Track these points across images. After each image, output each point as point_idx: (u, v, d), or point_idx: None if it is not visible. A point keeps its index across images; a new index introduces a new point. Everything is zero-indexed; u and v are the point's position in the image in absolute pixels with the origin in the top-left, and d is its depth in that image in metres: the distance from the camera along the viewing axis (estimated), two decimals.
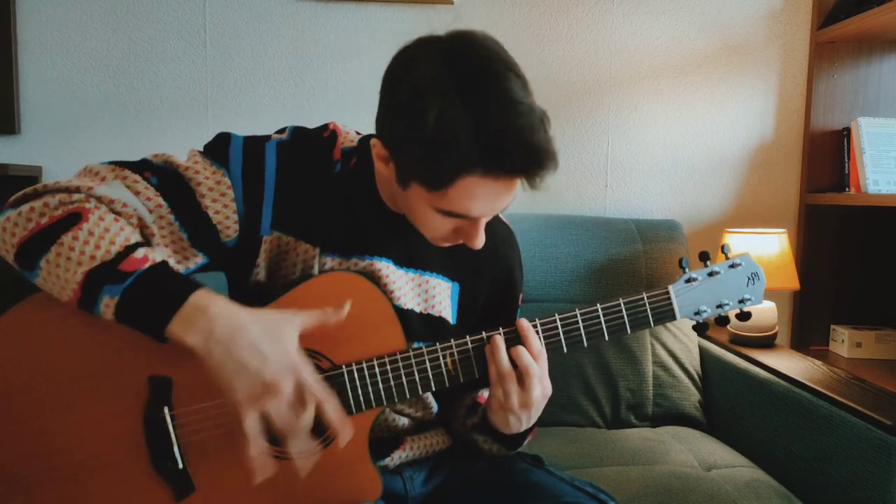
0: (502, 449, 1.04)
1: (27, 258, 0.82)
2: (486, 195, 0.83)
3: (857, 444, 1.24)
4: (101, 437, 0.87)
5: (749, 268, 1.03)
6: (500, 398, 0.93)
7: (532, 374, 0.91)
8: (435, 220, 0.88)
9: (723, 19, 2.00)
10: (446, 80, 0.79)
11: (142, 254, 0.82)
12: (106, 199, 0.85)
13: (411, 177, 0.85)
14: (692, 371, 1.73)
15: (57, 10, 1.85)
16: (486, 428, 1.02)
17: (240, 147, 0.94)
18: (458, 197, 0.83)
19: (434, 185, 0.83)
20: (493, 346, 0.93)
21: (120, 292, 0.80)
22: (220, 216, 0.92)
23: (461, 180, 0.81)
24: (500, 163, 0.80)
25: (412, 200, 0.88)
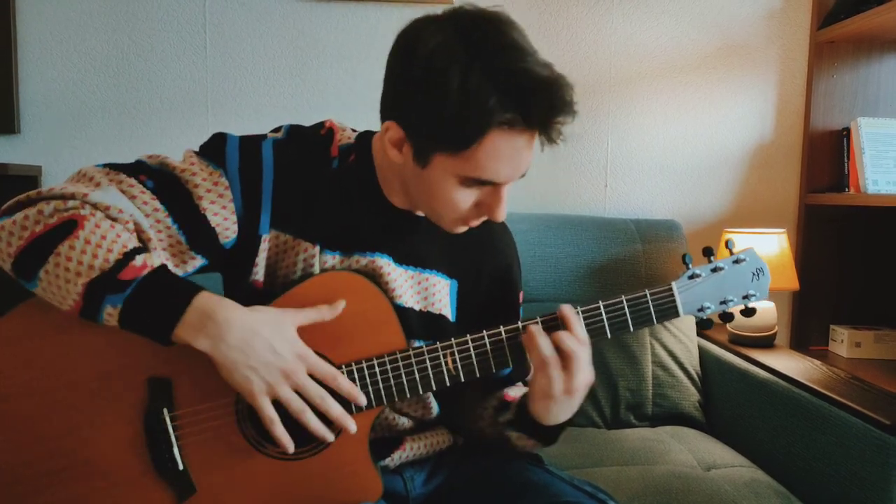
0: (537, 444, 1.03)
1: (25, 268, 0.82)
2: (511, 153, 0.84)
3: (856, 443, 1.24)
4: (102, 440, 0.87)
5: (753, 263, 1.00)
6: (543, 386, 0.91)
7: (577, 356, 0.90)
8: (458, 194, 0.88)
9: (722, 19, 2.00)
10: (459, 45, 0.81)
11: (140, 261, 0.82)
12: (101, 206, 0.84)
13: (435, 148, 0.85)
14: (692, 371, 1.73)
15: (57, 10, 1.85)
16: (521, 423, 1.01)
17: (236, 146, 0.94)
18: (484, 157, 0.84)
19: (462, 145, 0.83)
20: (531, 333, 0.92)
21: (122, 301, 0.80)
22: (219, 217, 0.92)
23: (488, 136, 0.82)
24: (524, 108, 0.81)
25: (434, 177, 0.88)
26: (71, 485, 0.87)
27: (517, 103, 0.81)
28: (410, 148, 0.88)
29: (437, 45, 0.82)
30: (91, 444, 0.87)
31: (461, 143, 0.83)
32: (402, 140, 0.88)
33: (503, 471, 1.05)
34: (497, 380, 1.10)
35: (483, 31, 0.82)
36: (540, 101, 0.81)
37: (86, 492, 0.87)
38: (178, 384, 0.88)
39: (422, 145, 0.87)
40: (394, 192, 0.98)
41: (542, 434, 1.01)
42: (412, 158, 0.88)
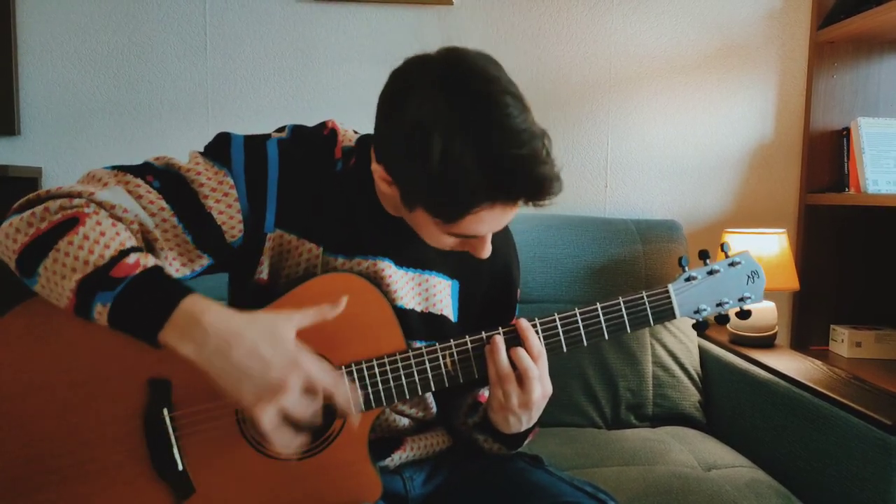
0: (503, 448, 1.04)
1: (27, 264, 0.82)
2: (495, 219, 0.86)
3: (857, 443, 1.24)
4: (102, 440, 0.87)
5: (749, 266, 1.02)
6: (500, 399, 0.93)
7: (531, 375, 0.91)
8: (442, 239, 0.90)
9: (722, 20, 2.00)
10: (446, 113, 0.79)
11: (134, 259, 0.81)
12: (107, 205, 0.85)
13: (418, 205, 0.86)
14: (692, 371, 1.73)
15: (57, 12, 1.85)
16: (487, 427, 1.02)
17: (241, 146, 0.94)
18: (467, 225, 0.85)
19: (443, 218, 0.85)
20: (493, 346, 0.93)
21: (111, 299, 0.79)
22: (225, 216, 0.92)
23: (470, 214, 0.83)
24: (508, 194, 0.82)
25: (419, 221, 0.90)
26: (70, 484, 0.87)
27: (503, 187, 0.81)
28: (397, 191, 0.88)
29: (423, 109, 0.80)
30: (91, 445, 0.87)
31: (443, 217, 0.85)
32: (390, 182, 0.88)
33: (503, 471, 1.05)
34: None
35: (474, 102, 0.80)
36: (528, 186, 0.81)
37: (85, 492, 0.87)
38: (177, 385, 0.88)
39: (407, 197, 0.87)
40: (390, 205, 0.98)
41: (505, 440, 1.02)
42: (399, 200, 0.89)
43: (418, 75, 0.83)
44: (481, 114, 0.79)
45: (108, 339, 0.86)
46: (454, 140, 0.78)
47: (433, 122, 0.79)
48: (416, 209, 0.87)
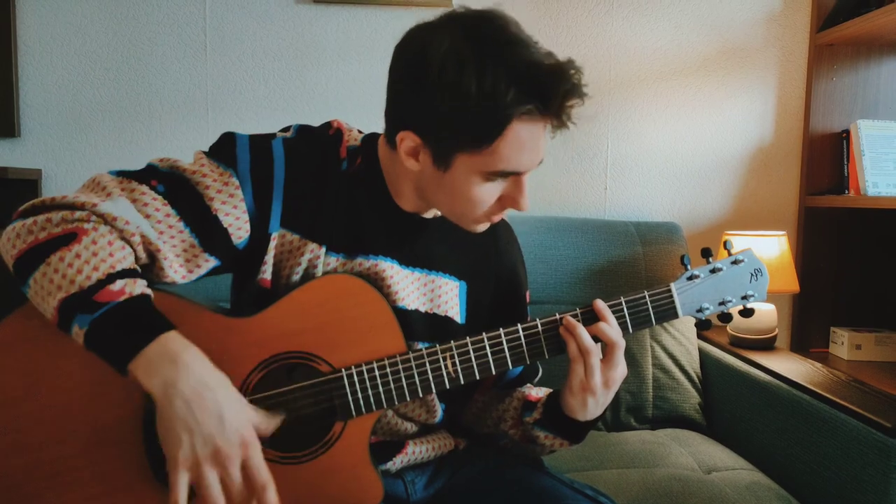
0: (565, 443, 1.03)
1: (21, 271, 0.83)
2: (531, 141, 0.86)
3: (857, 446, 1.24)
4: (101, 446, 0.87)
5: (752, 264, 1.01)
6: (581, 377, 0.92)
7: (619, 346, 0.92)
8: (482, 190, 0.89)
9: (722, 22, 2.00)
10: (468, 46, 0.83)
11: (119, 285, 0.81)
12: (109, 217, 0.84)
13: (457, 148, 0.87)
14: (692, 373, 1.73)
15: (57, 13, 1.85)
16: (550, 422, 1.01)
17: (246, 145, 0.94)
18: (508, 149, 0.85)
19: (486, 141, 0.85)
20: (570, 324, 0.93)
21: (87, 324, 0.79)
22: (231, 218, 0.92)
23: (510, 128, 0.84)
24: (541, 96, 0.83)
25: (457, 177, 0.89)
26: (69, 490, 0.86)
27: (535, 93, 0.83)
28: (429, 154, 0.89)
29: (447, 50, 0.83)
30: (89, 450, 0.87)
31: (485, 140, 0.85)
32: (418, 148, 0.89)
33: (504, 475, 1.05)
34: (507, 382, 1.11)
35: (487, 29, 0.84)
36: (555, 88, 0.83)
37: (83, 497, 0.87)
38: None
39: (442, 149, 0.88)
40: (402, 196, 0.98)
41: (571, 432, 1.01)
42: (431, 164, 0.89)
43: (427, 31, 0.87)
44: (498, 38, 0.84)
45: None
46: (482, 64, 0.82)
47: (460, 57, 0.82)
48: (454, 160, 0.87)
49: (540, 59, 0.83)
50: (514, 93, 0.82)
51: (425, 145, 0.88)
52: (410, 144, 0.89)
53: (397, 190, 0.98)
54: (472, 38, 0.83)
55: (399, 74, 0.89)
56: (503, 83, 0.82)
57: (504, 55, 0.82)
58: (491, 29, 0.84)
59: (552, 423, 1.01)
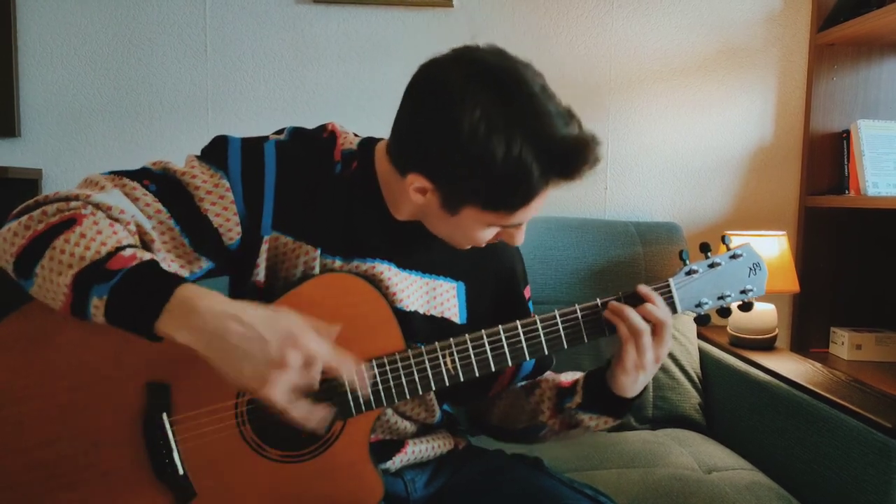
0: (609, 420, 1.04)
1: (24, 266, 0.82)
2: (541, 201, 0.90)
3: (858, 446, 1.24)
4: (102, 445, 0.87)
5: (750, 258, 1.01)
6: (633, 357, 0.94)
7: (668, 325, 0.95)
8: (482, 234, 0.93)
9: (722, 22, 2.00)
10: (502, 116, 0.83)
11: (130, 252, 0.80)
12: (103, 206, 0.85)
13: (468, 205, 0.89)
14: (692, 373, 1.73)
15: (57, 14, 1.85)
16: (593, 404, 1.02)
17: (238, 148, 0.94)
18: (523, 212, 0.89)
19: (505, 209, 0.88)
20: (617, 308, 0.95)
21: (107, 291, 0.78)
22: (221, 219, 0.92)
23: (533, 199, 0.88)
24: (565, 173, 0.87)
25: (461, 222, 0.91)
26: (70, 490, 0.86)
27: (559, 170, 0.86)
28: (437, 198, 0.90)
29: (480, 113, 0.83)
30: (90, 450, 0.87)
31: (504, 208, 0.88)
32: (427, 189, 0.90)
33: (504, 474, 1.05)
34: (524, 376, 1.12)
35: (517, 94, 0.84)
36: (578, 165, 0.86)
37: (85, 497, 0.87)
38: (176, 389, 0.88)
39: (453, 199, 0.89)
40: (398, 210, 0.98)
41: (618, 409, 1.02)
42: (438, 206, 0.91)
43: (455, 82, 0.85)
44: (531, 107, 0.84)
45: (106, 342, 0.86)
46: (513, 137, 0.82)
47: (490, 125, 0.82)
48: (462, 210, 0.89)
49: (566, 134, 0.85)
50: (541, 169, 0.84)
51: (436, 191, 0.89)
52: (420, 186, 0.89)
53: (394, 203, 0.98)
54: (503, 100, 0.83)
55: (422, 118, 0.88)
56: (530, 157, 0.83)
57: (535, 128, 0.83)
58: (521, 92, 0.84)
59: (596, 404, 1.02)
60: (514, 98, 0.84)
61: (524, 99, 0.84)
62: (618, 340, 0.95)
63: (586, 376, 1.05)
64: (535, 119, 0.83)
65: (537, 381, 1.11)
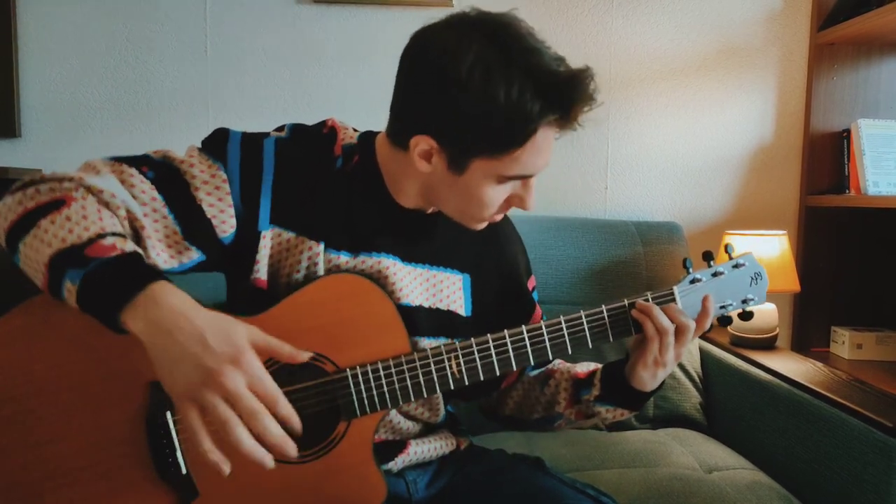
0: (626, 413, 1.06)
1: (12, 240, 0.83)
2: (548, 145, 0.90)
3: (858, 446, 1.24)
4: (104, 443, 0.87)
5: (752, 268, 1.03)
6: (655, 354, 0.96)
7: (690, 328, 0.97)
8: (494, 192, 0.92)
9: (723, 21, 2.00)
10: (495, 56, 0.84)
11: (110, 241, 0.79)
12: (95, 189, 0.85)
13: (476, 154, 0.88)
14: (693, 373, 1.73)
15: (57, 13, 1.85)
16: (611, 396, 1.04)
17: (238, 142, 0.95)
18: (527, 155, 0.88)
19: (510, 148, 0.87)
20: (645, 307, 0.97)
21: (80, 277, 0.77)
22: (215, 210, 0.92)
23: (532, 137, 0.87)
24: (564, 107, 0.87)
25: (471, 181, 0.91)
26: (72, 488, 0.86)
27: (558, 104, 0.86)
28: (444, 158, 0.90)
29: (474, 57, 0.84)
30: (92, 448, 0.87)
31: (508, 147, 0.87)
32: (433, 151, 0.90)
33: (506, 475, 1.05)
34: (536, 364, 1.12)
35: (509, 37, 0.86)
36: (576, 98, 0.87)
37: (87, 495, 0.87)
38: None
39: (460, 154, 0.89)
40: (403, 194, 0.98)
41: (635, 402, 1.03)
42: (445, 168, 0.91)
43: (448, 35, 0.87)
44: (522, 46, 0.86)
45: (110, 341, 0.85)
46: (511, 76, 0.83)
47: (485, 65, 0.84)
48: (471, 165, 0.89)
49: (559, 69, 0.86)
50: (540, 104, 0.85)
51: (441, 149, 0.89)
52: (425, 148, 0.90)
53: (398, 188, 0.98)
54: (496, 45, 0.85)
55: (419, 78, 0.89)
56: (528, 93, 0.84)
57: (529, 64, 0.85)
58: (512, 36, 0.86)
59: (614, 397, 1.04)
60: (504, 42, 0.85)
61: (514, 41, 0.86)
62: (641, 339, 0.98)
63: (603, 369, 1.06)
64: (528, 56, 0.85)
65: (551, 371, 1.12)
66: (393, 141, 0.95)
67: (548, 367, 1.14)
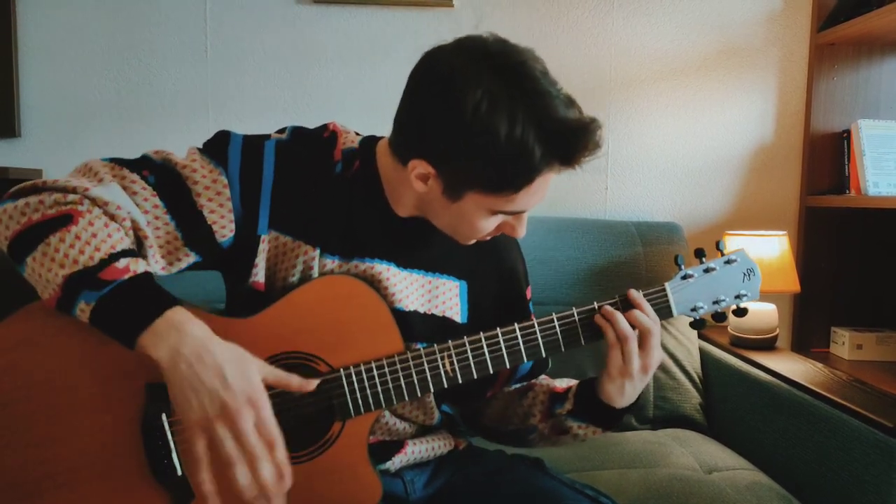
0: (598, 430, 1.03)
1: (17, 251, 0.83)
2: (545, 187, 0.90)
3: (859, 446, 1.24)
4: (101, 445, 0.87)
5: (744, 264, 1.03)
6: (619, 364, 0.94)
7: (654, 333, 0.94)
8: (486, 222, 0.92)
9: (723, 21, 2.00)
10: (504, 94, 0.83)
11: (124, 264, 0.81)
12: (100, 202, 0.85)
13: (474, 188, 0.88)
14: (693, 373, 1.73)
15: (57, 14, 1.85)
16: (583, 412, 1.02)
17: (239, 146, 0.95)
18: (523, 195, 0.88)
19: (507, 191, 0.87)
20: (608, 312, 0.95)
21: (95, 300, 0.80)
22: (216, 215, 0.92)
23: (531, 183, 0.87)
24: (567, 154, 0.86)
25: (463, 209, 0.91)
26: (69, 489, 0.86)
27: (561, 152, 0.86)
28: (440, 184, 0.90)
29: (482, 94, 0.83)
30: (88, 450, 0.87)
31: (506, 189, 0.87)
32: (429, 176, 0.90)
33: (504, 475, 1.05)
34: (520, 377, 1.12)
35: (521, 76, 0.84)
36: (580, 148, 0.86)
37: (84, 496, 0.86)
38: None
39: (455, 185, 0.89)
40: (400, 204, 0.98)
41: (606, 419, 1.01)
42: (441, 193, 0.90)
43: (463, 66, 0.85)
44: (532, 87, 0.84)
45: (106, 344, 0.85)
46: (515, 116, 0.82)
47: (493, 104, 0.82)
48: (465, 195, 0.89)
49: (567, 116, 0.85)
50: (543, 150, 0.84)
51: (438, 176, 0.89)
52: (423, 172, 0.90)
53: (396, 197, 0.98)
54: (506, 82, 0.83)
55: (424, 100, 0.89)
56: (532, 137, 0.83)
57: (537, 108, 0.83)
58: (525, 75, 0.84)
59: (586, 413, 1.02)
60: (516, 79, 0.84)
61: (526, 81, 0.84)
62: None
63: (580, 384, 1.05)
64: (536, 99, 0.83)
65: (531, 385, 1.11)
66: (394, 152, 0.94)
67: (529, 381, 1.13)
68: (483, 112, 0.82)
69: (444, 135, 0.86)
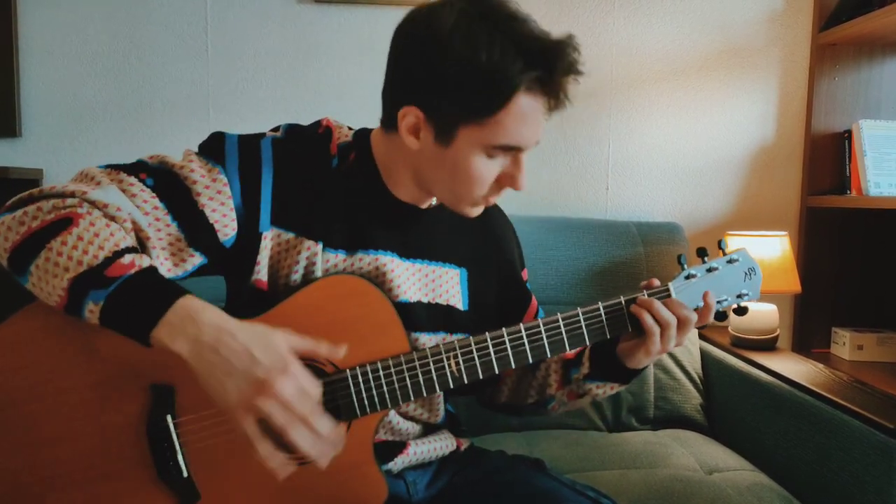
0: (616, 386, 1.07)
1: (19, 262, 0.82)
2: (533, 116, 0.89)
3: (859, 447, 1.24)
4: (106, 446, 0.87)
5: (746, 263, 1.04)
6: (657, 345, 0.97)
7: (692, 320, 0.97)
8: (483, 166, 0.91)
9: (724, 22, 2.00)
10: (477, 19, 0.86)
11: (129, 259, 0.81)
12: (100, 204, 0.84)
13: (461, 120, 0.88)
14: (693, 374, 1.73)
15: (58, 13, 1.85)
16: (601, 374, 1.05)
17: (235, 145, 0.95)
18: (512, 121, 0.87)
19: (491, 110, 0.87)
20: (646, 301, 0.97)
21: (104, 298, 0.79)
22: (217, 214, 0.92)
23: (515, 98, 0.86)
24: (546, 68, 0.86)
25: (459, 153, 0.90)
26: (73, 491, 0.86)
27: (540, 64, 0.85)
28: (431, 130, 0.90)
29: (455, 21, 0.85)
30: (94, 451, 0.87)
31: (491, 108, 0.87)
32: (420, 124, 0.90)
33: (505, 476, 1.05)
34: None
35: (491, 4, 0.87)
36: (558, 61, 0.86)
37: (88, 498, 0.87)
38: (180, 391, 0.88)
39: (445, 122, 0.89)
40: (399, 186, 0.99)
41: (627, 377, 1.05)
42: (433, 140, 0.90)
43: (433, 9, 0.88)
44: (507, 12, 0.87)
45: (111, 344, 0.86)
46: (493, 39, 0.84)
47: (468, 27, 0.85)
48: (455, 134, 0.89)
49: (546, 34, 0.87)
50: (521, 63, 0.84)
51: (428, 120, 0.89)
52: (412, 120, 0.90)
53: (394, 180, 0.98)
54: (478, 10, 0.86)
55: (403, 50, 0.91)
56: (510, 53, 0.84)
57: (511, 27, 0.85)
58: (498, 3, 0.87)
59: (604, 374, 1.05)
60: (490, 7, 0.87)
61: (501, 8, 0.87)
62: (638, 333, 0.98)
63: (592, 349, 1.07)
64: (511, 21, 0.86)
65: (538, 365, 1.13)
66: (384, 126, 0.96)
67: None
68: (459, 39, 0.85)
69: (425, 71, 0.88)
